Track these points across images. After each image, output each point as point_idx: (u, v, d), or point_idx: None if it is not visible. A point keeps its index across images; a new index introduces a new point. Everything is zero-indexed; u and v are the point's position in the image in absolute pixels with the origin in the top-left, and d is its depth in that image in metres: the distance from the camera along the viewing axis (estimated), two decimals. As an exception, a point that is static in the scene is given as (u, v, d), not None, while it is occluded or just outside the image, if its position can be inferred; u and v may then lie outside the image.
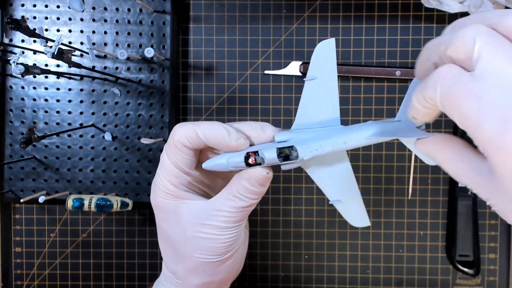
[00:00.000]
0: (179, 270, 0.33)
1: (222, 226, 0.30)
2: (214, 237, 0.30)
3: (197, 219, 0.30)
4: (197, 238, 0.30)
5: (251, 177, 0.29)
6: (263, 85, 0.47)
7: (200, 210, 0.30)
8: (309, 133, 0.29)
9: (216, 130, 0.29)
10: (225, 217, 0.30)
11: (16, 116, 0.46)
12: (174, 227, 0.32)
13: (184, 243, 0.31)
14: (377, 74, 0.46)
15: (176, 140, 0.30)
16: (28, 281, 0.49)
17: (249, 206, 0.30)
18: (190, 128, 0.29)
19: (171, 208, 0.31)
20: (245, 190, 0.29)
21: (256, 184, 0.29)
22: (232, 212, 0.30)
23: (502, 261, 0.48)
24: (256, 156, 0.28)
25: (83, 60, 0.45)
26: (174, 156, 0.30)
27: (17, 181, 0.46)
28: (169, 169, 0.31)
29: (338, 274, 0.49)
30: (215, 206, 0.30)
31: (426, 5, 0.44)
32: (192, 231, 0.30)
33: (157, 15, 0.45)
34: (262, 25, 0.47)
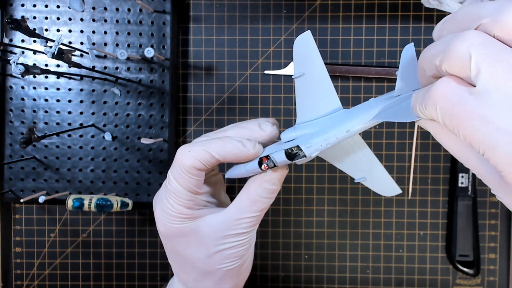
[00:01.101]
0: (207, 286, 0.33)
1: (244, 232, 0.31)
2: (237, 243, 0.31)
3: (219, 232, 0.30)
4: (221, 251, 0.31)
5: (273, 177, 0.30)
6: (263, 85, 0.47)
7: (220, 223, 0.31)
8: (312, 127, 0.29)
9: (230, 145, 0.29)
10: (247, 223, 0.30)
11: (16, 116, 0.46)
12: (195, 248, 0.31)
13: (208, 259, 0.31)
14: (377, 74, 0.46)
15: (188, 166, 0.29)
16: (28, 281, 0.49)
17: (266, 209, 0.31)
18: (201, 151, 0.29)
19: (189, 230, 0.31)
20: (267, 191, 0.30)
21: (277, 182, 0.30)
22: (254, 216, 0.30)
23: (502, 261, 0.48)
24: (268, 161, 0.29)
25: (83, 60, 0.45)
26: (186, 182, 0.30)
27: (17, 181, 0.46)
28: (181, 194, 0.30)
29: (338, 274, 0.49)
30: (237, 215, 0.30)
31: (426, 5, 0.44)
32: (215, 245, 0.31)
33: (157, 15, 0.45)
34: (262, 25, 0.47)
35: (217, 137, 0.30)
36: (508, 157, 0.17)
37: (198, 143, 0.30)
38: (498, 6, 0.18)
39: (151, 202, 0.46)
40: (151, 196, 0.46)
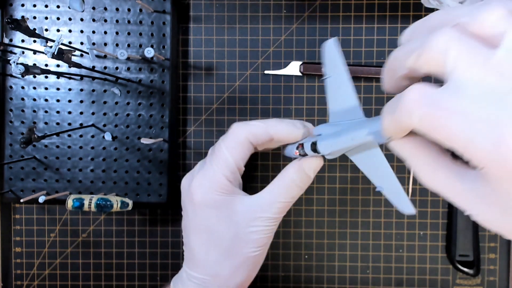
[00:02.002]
0: (225, 271, 0.33)
1: (273, 217, 0.31)
2: (265, 228, 0.31)
3: (251, 213, 0.31)
4: (249, 233, 0.31)
5: (308, 166, 0.31)
6: (263, 85, 0.47)
7: (253, 204, 0.32)
8: (336, 127, 0.30)
9: (283, 124, 0.32)
10: (279, 208, 0.31)
11: (16, 116, 0.46)
12: (226, 224, 0.32)
13: (235, 239, 0.32)
14: (377, 74, 0.46)
15: (244, 137, 0.31)
16: (28, 281, 0.49)
17: (297, 196, 0.32)
18: (257, 126, 0.32)
19: (224, 204, 0.32)
20: (301, 179, 0.31)
21: (311, 171, 0.31)
22: (286, 202, 0.32)
23: (502, 261, 0.48)
24: (300, 149, 0.32)
25: (83, 60, 0.45)
26: (237, 153, 0.32)
27: (17, 181, 0.46)
28: (228, 164, 0.32)
29: (338, 274, 0.49)
30: (271, 198, 0.31)
31: (426, 5, 0.44)
32: (245, 226, 0.31)
33: (157, 15, 0.45)
34: (262, 25, 0.47)
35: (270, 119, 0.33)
36: (489, 148, 0.16)
37: (253, 120, 0.33)
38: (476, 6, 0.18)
39: (151, 202, 0.46)
40: (151, 196, 0.46)
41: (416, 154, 0.22)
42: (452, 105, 0.17)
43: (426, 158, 0.21)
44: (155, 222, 0.49)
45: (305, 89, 0.47)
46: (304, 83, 0.47)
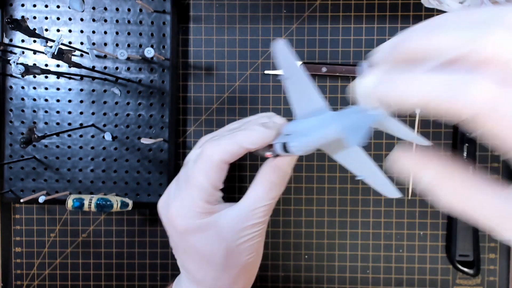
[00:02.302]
0: (224, 282, 0.32)
1: (260, 222, 0.31)
2: (254, 234, 0.31)
3: (237, 225, 0.31)
4: (240, 244, 0.31)
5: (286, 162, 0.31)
6: (263, 85, 0.47)
7: (238, 215, 0.31)
8: (305, 123, 0.29)
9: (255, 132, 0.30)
10: (263, 211, 0.31)
11: (16, 116, 0.46)
12: (215, 243, 0.31)
13: (228, 253, 0.31)
14: (377, 74, 0.46)
15: (218, 160, 0.30)
16: (28, 281, 0.49)
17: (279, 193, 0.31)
18: (230, 144, 0.30)
19: (208, 225, 0.31)
20: (281, 177, 0.31)
21: (289, 167, 0.31)
22: (268, 204, 0.31)
23: (502, 261, 0.48)
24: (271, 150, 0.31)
25: (83, 60, 0.45)
26: (213, 176, 0.30)
27: (17, 181, 0.46)
28: (205, 189, 0.30)
29: (338, 274, 0.49)
30: (253, 205, 0.31)
31: (426, 5, 0.44)
32: (234, 239, 0.31)
33: (157, 15, 0.45)
34: (262, 25, 0.47)
35: (239, 129, 0.31)
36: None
37: (224, 137, 0.31)
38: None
39: (151, 202, 0.46)
40: (151, 196, 0.46)
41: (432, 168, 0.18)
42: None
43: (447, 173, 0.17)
44: (155, 222, 0.49)
45: (305, 89, 0.47)
46: (304, 83, 0.47)
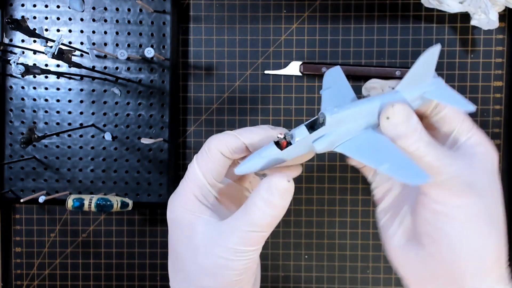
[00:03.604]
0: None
1: (235, 249, 0.27)
2: (225, 262, 0.27)
3: (211, 238, 0.28)
4: (208, 261, 0.28)
5: (271, 184, 0.26)
6: (263, 85, 0.47)
7: (216, 228, 0.28)
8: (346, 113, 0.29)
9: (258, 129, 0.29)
10: (239, 238, 0.27)
11: (16, 116, 0.46)
12: (186, 245, 0.29)
13: (194, 265, 0.28)
14: (377, 74, 0.46)
15: (213, 147, 0.28)
16: (28, 281, 0.49)
17: (266, 226, 0.27)
18: (230, 136, 0.28)
19: (186, 222, 0.29)
20: (264, 202, 0.26)
21: (276, 193, 0.26)
22: (248, 231, 0.27)
23: (502, 261, 0.48)
24: (286, 135, 0.27)
25: (83, 60, 0.45)
26: (205, 165, 0.29)
27: (17, 181, 0.46)
28: (196, 179, 0.29)
29: (338, 274, 0.49)
30: (231, 223, 0.28)
31: (426, 5, 0.44)
32: (204, 252, 0.28)
33: (157, 15, 0.45)
34: (262, 25, 0.47)
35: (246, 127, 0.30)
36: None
37: (227, 131, 0.30)
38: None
39: (151, 202, 0.46)
40: (151, 196, 0.46)
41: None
42: None
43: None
44: (155, 222, 0.49)
45: (305, 89, 0.47)
46: (304, 83, 0.47)
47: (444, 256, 0.27)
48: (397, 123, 0.26)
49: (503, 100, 0.47)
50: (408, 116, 0.27)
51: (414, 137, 0.27)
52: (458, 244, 0.27)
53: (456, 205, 0.27)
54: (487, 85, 0.46)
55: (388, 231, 0.32)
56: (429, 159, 0.27)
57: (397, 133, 0.27)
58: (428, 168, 0.27)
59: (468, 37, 0.46)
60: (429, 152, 0.27)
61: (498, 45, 0.46)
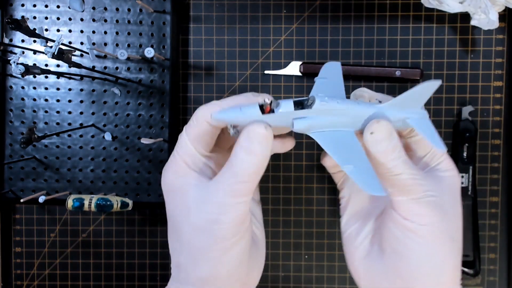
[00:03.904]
0: (183, 260, 0.31)
1: (222, 202, 0.28)
2: (215, 217, 0.28)
3: (201, 197, 0.29)
4: (199, 219, 0.29)
5: (249, 132, 0.27)
6: (263, 85, 0.47)
7: (205, 188, 0.29)
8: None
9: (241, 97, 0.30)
10: (225, 191, 0.28)
11: (16, 116, 0.46)
12: (180, 209, 0.30)
13: (188, 226, 0.30)
14: (377, 74, 0.46)
15: (200, 115, 0.30)
16: (28, 281, 0.49)
17: (248, 175, 0.28)
18: (214, 104, 0.30)
19: (179, 187, 0.30)
20: (244, 150, 0.27)
21: (254, 140, 0.27)
22: (232, 183, 0.28)
23: (502, 261, 0.48)
24: (272, 101, 0.28)
25: (83, 60, 0.45)
26: (193, 133, 0.30)
27: (17, 181, 0.46)
28: (185, 147, 0.31)
29: (338, 274, 0.49)
30: (217, 179, 0.29)
31: (426, 5, 0.44)
32: (195, 211, 0.29)
33: (157, 15, 0.45)
34: (262, 25, 0.47)
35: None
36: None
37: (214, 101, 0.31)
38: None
39: (151, 202, 0.46)
40: (151, 196, 0.46)
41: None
42: None
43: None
44: (155, 222, 0.49)
45: (305, 89, 0.47)
46: (304, 83, 0.47)
47: (406, 270, 0.29)
48: (380, 139, 0.28)
49: (503, 100, 0.47)
50: (390, 134, 0.28)
51: (394, 155, 0.29)
52: (420, 260, 0.29)
53: (424, 223, 0.29)
54: (487, 85, 0.46)
55: (354, 243, 0.33)
56: (405, 177, 0.29)
57: (379, 148, 0.28)
58: (403, 185, 0.29)
59: (468, 37, 0.46)
60: (405, 171, 0.29)
61: (498, 45, 0.46)
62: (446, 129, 0.47)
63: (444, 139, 0.47)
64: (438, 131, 0.47)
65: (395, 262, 0.30)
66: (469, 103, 0.46)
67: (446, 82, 0.47)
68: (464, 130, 0.45)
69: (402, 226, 0.29)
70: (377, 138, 0.28)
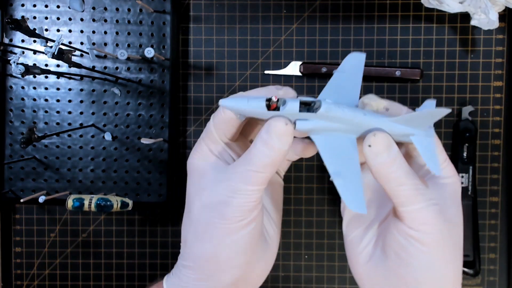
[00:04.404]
0: (188, 236, 0.32)
1: (235, 186, 0.29)
2: (226, 199, 0.29)
3: (217, 179, 0.31)
4: (210, 199, 0.30)
5: (270, 126, 0.28)
6: (263, 85, 0.47)
7: (222, 171, 0.31)
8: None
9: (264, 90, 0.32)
10: (240, 177, 0.29)
11: (16, 116, 0.46)
12: (196, 188, 0.32)
13: (199, 203, 0.31)
14: (377, 74, 0.46)
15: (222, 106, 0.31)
16: (28, 281, 0.49)
17: (263, 166, 0.29)
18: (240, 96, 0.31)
19: (199, 169, 0.32)
20: (263, 142, 0.28)
21: (273, 134, 0.28)
22: (247, 170, 0.29)
23: (502, 261, 0.48)
24: (279, 99, 0.29)
25: (83, 60, 0.45)
26: (218, 121, 0.32)
27: (17, 181, 0.46)
28: (210, 133, 0.33)
29: (338, 274, 0.49)
30: (235, 164, 0.30)
31: (426, 5, 0.44)
32: (209, 191, 0.31)
33: (157, 15, 0.45)
34: (262, 25, 0.47)
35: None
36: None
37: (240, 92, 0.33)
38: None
39: (151, 202, 0.46)
40: (151, 196, 0.46)
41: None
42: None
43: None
44: (155, 222, 0.49)
45: (305, 89, 0.47)
46: (304, 83, 0.47)
47: (410, 276, 0.30)
48: (379, 151, 0.28)
49: (503, 100, 0.47)
50: (389, 146, 0.29)
51: (394, 166, 0.29)
52: (425, 267, 0.29)
53: (429, 231, 0.29)
54: (487, 85, 0.46)
55: (357, 248, 0.34)
56: (407, 188, 0.29)
57: (379, 160, 0.29)
58: (406, 196, 0.29)
59: (468, 37, 0.46)
60: (407, 181, 0.29)
61: (498, 45, 0.46)
62: (446, 129, 0.47)
63: (444, 139, 0.47)
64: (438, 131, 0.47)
65: (399, 268, 0.30)
66: (469, 103, 0.46)
67: (446, 82, 0.47)
68: (464, 130, 0.45)
69: (407, 234, 0.29)
70: (376, 151, 0.28)
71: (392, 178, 0.29)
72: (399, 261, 0.30)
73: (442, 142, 0.47)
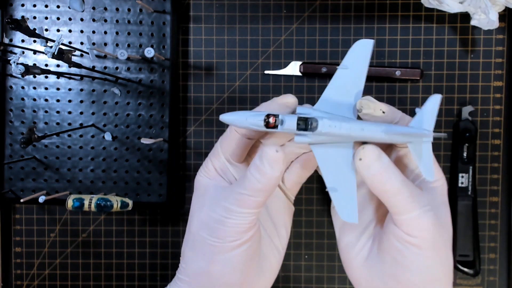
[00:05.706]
0: (186, 251, 0.33)
1: (230, 208, 0.30)
2: (221, 219, 0.30)
3: (216, 198, 0.32)
4: (208, 217, 0.31)
5: (262, 153, 0.29)
6: (263, 85, 0.47)
7: (222, 191, 0.32)
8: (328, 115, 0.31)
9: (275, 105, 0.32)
10: (234, 199, 0.30)
11: (16, 116, 0.46)
12: (197, 205, 0.33)
13: (197, 219, 0.32)
14: (377, 74, 0.46)
15: (233, 128, 0.33)
16: (28, 281, 0.49)
17: (255, 191, 0.29)
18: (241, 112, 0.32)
19: (203, 186, 0.34)
20: (256, 168, 0.29)
21: (265, 161, 0.29)
22: (240, 193, 0.30)
23: (502, 261, 0.48)
24: (276, 118, 0.29)
25: (83, 60, 0.45)
26: (225, 143, 0.33)
27: (17, 181, 0.46)
28: (216, 153, 0.34)
29: (338, 274, 0.49)
30: (232, 186, 0.31)
31: (426, 5, 0.44)
32: (208, 208, 0.32)
33: (157, 15, 0.45)
34: (262, 25, 0.47)
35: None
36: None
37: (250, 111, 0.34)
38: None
39: (151, 202, 0.46)
40: (151, 196, 0.46)
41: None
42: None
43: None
44: (155, 222, 0.49)
45: (305, 89, 0.47)
46: (304, 83, 0.47)
47: (406, 279, 0.30)
48: (369, 164, 0.29)
49: (503, 100, 0.47)
50: (379, 156, 0.29)
51: (387, 175, 0.29)
52: (421, 269, 0.30)
53: (425, 237, 0.29)
54: (487, 85, 0.46)
55: (353, 250, 0.34)
56: (402, 197, 0.29)
57: (371, 172, 0.29)
58: (402, 204, 0.29)
59: (468, 37, 0.46)
60: (402, 189, 0.29)
61: (498, 45, 0.46)
62: (446, 129, 0.47)
63: (444, 139, 0.47)
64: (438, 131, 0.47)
65: (395, 271, 0.31)
66: (469, 103, 0.46)
67: (446, 82, 0.47)
68: (464, 130, 0.45)
69: (404, 240, 0.30)
70: (366, 163, 0.29)
71: (387, 188, 0.29)
72: (396, 265, 0.30)
73: (442, 142, 0.47)
